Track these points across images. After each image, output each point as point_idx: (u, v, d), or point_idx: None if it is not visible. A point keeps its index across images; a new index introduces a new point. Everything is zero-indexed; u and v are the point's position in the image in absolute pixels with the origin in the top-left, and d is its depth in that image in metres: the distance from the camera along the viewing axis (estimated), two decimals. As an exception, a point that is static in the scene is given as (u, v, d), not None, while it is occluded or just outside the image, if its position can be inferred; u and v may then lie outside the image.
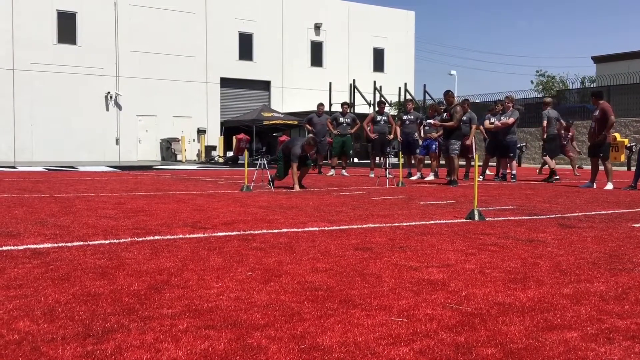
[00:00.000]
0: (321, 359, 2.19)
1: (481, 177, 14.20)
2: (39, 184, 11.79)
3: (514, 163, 14.15)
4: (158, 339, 2.38)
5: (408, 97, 32.49)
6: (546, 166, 16.00)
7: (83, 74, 29.92)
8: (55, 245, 4.51)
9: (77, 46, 30.07)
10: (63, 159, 28.62)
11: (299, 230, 5.46)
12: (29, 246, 4.43)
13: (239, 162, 26.51)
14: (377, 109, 16.15)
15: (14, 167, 20.91)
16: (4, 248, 4.33)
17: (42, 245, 4.47)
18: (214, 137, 33.24)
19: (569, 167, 18.61)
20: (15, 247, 4.37)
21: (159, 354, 2.21)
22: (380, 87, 32.67)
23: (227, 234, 5.18)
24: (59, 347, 2.25)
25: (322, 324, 2.60)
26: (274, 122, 30.64)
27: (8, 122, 28.53)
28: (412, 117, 15.00)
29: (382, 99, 24.28)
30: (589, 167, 12.60)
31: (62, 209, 7.00)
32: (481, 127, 14.46)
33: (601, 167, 12.03)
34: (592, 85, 40.06)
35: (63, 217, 6.21)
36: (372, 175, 14.87)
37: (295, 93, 35.52)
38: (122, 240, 4.73)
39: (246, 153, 11.56)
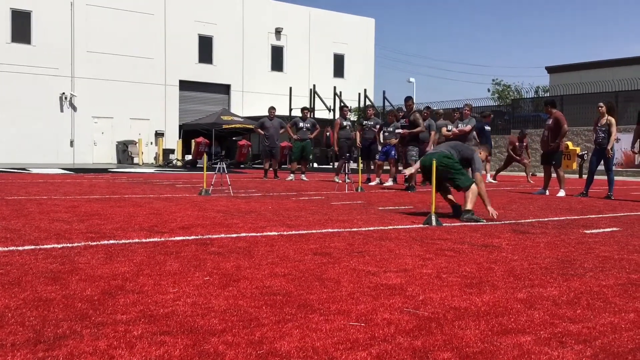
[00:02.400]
0: (279, 364, 2.18)
1: None
2: (-11, 186, 11.42)
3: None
4: (112, 345, 2.32)
5: (368, 103, 32.77)
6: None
7: (37, 74, 29.21)
8: (6, 249, 4.37)
9: (31, 46, 29.36)
10: (16, 160, 27.84)
11: (258, 234, 5.43)
12: (-23, 250, 4.28)
13: (198, 165, 26.25)
14: (341, 114, 16.20)
15: (-38, 169, 20.21)
16: (-49, 252, 4.18)
17: (-9, 249, 4.32)
18: (172, 140, 32.84)
19: (524, 174, 19.03)
20: (-37, 251, 4.22)
21: (112, 360, 2.16)
22: (341, 92, 32.84)
23: (184, 238, 5.11)
24: (8, 354, 2.18)
25: (280, 329, 2.58)
26: (233, 125, 30.45)
27: (-43, 122, 27.61)
28: (372, 123, 15.12)
29: (342, 104, 24.39)
30: (542, 174, 12.92)
31: (13, 212, 6.80)
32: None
33: (554, 175, 12.34)
34: (545, 95, 41.13)
35: (14, 220, 6.03)
36: (338, 180, 14.90)
37: (256, 97, 35.42)
38: (76, 245, 4.61)
39: (205, 157, 11.45)
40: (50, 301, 2.94)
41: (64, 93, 30.04)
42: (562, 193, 11.67)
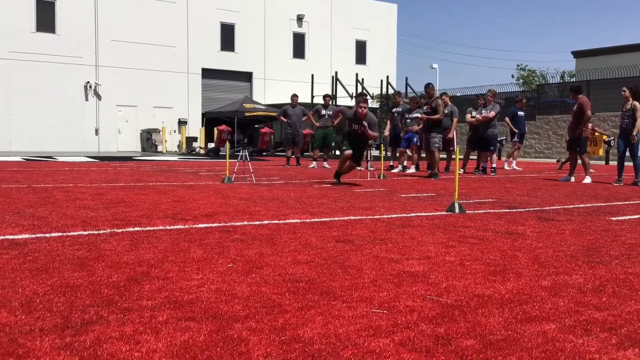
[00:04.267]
0: (302, 350, 2.19)
1: (462, 170, 14.29)
2: (17, 174, 11.63)
3: (494, 157, 14.26)
4: (137, 330, 2.36)
5: (395, 90, 32.58)
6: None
7: (62, 63, 29.52)
8: (33, 236, 4.45)
9: (56, 35, 29.66)
10: (41, 149, 28.25)
11: (280, 222, 5.46)
12: (6, 237, 4.37)
13: (220, 153, 26.39)
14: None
15: (-10, 157, 20.58)
16: (-19, 239, 4.27)
17: (19, 236, 4.41)
18: (195, 128, 33.04)
19: (550, 160, 18.77)
20: (-8, 238, 4.30)
21: (138, 345, 2.19)
22: (363, 79, 32.68)
23: (208, 225, 5.15)
24: (36, 339, 2.23)
25: (303, 316, 2.60)
26: (255, 113, 30.53)
27: (-15, 111, 28.07)
28: (400, 110, 15.01)
29: (364, 91, 24.26)
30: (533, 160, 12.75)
31: (40, 200, 6.92)
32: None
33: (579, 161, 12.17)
34: (571, 80, 40.48)
35: (41, 208, 6.14)
36: (360, 168, 14.86)
37: (277, 85, 35.41)
38: (102, 232, 4.68)
39: (227, 144, 11.50)
40: (77, 287, 3.00)
41: (88, 82, 30.35)
42: (587, 180, 11.50)
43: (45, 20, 29.39)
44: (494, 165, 13.98)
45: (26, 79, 28.63)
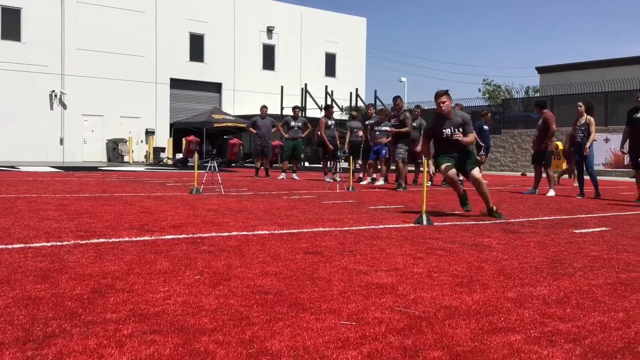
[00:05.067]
0: (270, 363, 2.17)
1: (429, 182, 14.43)
2: (-22, 184, 11.33)
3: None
4: (101, 344, 2.31)
5: (364, 102, 32.82)
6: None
7: (27, 71, 29.01)
8: (-6, 247, 4.34)
9: (21, 43, 29.14)
10: (4, 159, 27.63)
11: (249, 233, 5.43)
12: (-35, 248, 4.25)
13: (189, 164, 26.17)
14: (326, 113, 16.23)
15: (-50, 166, 20.04)
16: (-61, 250, 4.14)
17: (-21, 248, 4.29)
18: (163, 139, 32.72)
19: (513, 173, 19.08)
20: (-49, 250, 4.18)
21: (102, 359, 2.15)
22: (332, 91, 32.85)
23: (175, 237, 5.09)
24: (-4, 354, 2.16)
25: (271, 328, 2.58)
26: (224, 124, 30.38)
27: (-55, 119, 27.36)
28: (373, 122, 15.14)
29: (334, 103, 24.34)
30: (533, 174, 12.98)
31: (2, 210, 6.75)
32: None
33: (544, 175, 12.41)
34: (536, 95, 41.33)
35: (3, 219, 5.99)
36: (328, 180, 14.90)
37: (247, 96, 35.36)
38: (65, 243, 4.59)
39: (196, 155, 11.42)
40: (40, 300, 2.93)
41: (54, 91, 29.86)
42: (551, 193, 11.72)
43: (11, 28, 28.87)
44: (461, 179, 14.14)
45: (-11, 86, 28.01)
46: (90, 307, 2.83)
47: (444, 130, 7.54)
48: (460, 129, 7.54)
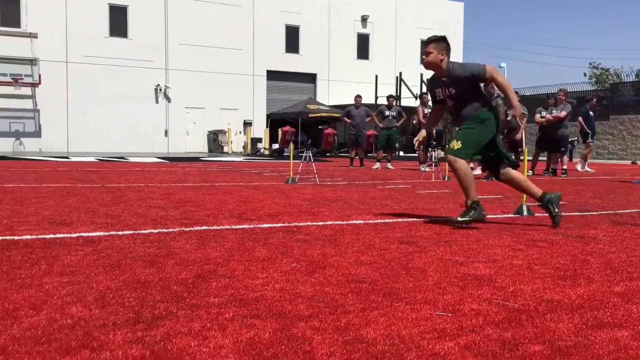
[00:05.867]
0: (365, 350, 2.19)
1: (531, 172, 13.92)
2: (91, 174, 12.12)
3: (565, 158, 13.82)
4: (205, 326, 2.42)
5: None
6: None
7: (134, 66, 30.57)
8: (107, 233, 4.64)
9: (128, 39, 30.74)
10: (114, 150, 29.34)
11: (344, 222, 5.47)
12: (81, 234, 4.57)
13: (284, 154, 26.66)
14: (421, 101, 16.00)
15: (67, 158, 21.56)
16: (58, 236, 4.48)
17: (94, 234, 4.60)
18: (260, 130, 33.53)
19: (623, 162, 18.04)
20: (69, 235, 4.51)
21: (206, 341, 2.25)
22: (427, 79, 32.30)
23: (272, 225, 5.23)
24: (110, 333, 2.32)
25: (366, 317, 2.60)
26: (319, 114, 30.70)
27: (62, 113, 29.40)
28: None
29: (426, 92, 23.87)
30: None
31: (113, 199, 7.19)
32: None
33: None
34: (648, 78, 38.71)
35: (114, 207, 6.38)
36: (424, 169, 14.71)
37: (341, 86, 35.49)
38: (171, 230, 4.82)
39: (291, 145, 11.62)
40: (148, 283, 3.10)
41: (158, 85, 31.32)
42: (665, 182, 10.98)
43: (118, 25, 30.51)
44: (565, 167, 13.55)
45: (100, 82, 29.79)
46: (194, 291, 2.97)
47: (436, 91, 5.75)
48: (453, 89, 5.51)
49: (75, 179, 10.46)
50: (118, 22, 30.52)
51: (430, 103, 16.14)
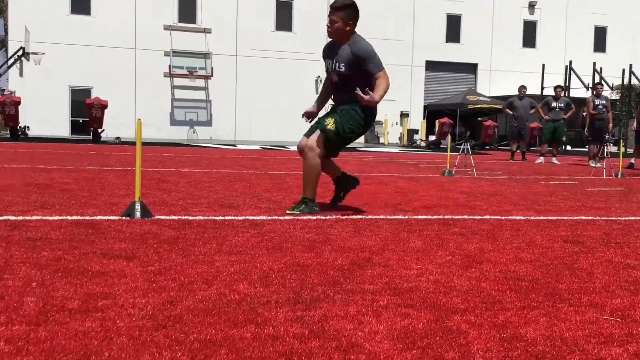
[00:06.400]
0: (524, 349, 2.12)
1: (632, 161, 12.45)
2: (255, 161, 12.84)
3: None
4: (360, 311, 2.48)
5: (634, 80, 29.50)
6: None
7: (297, 59, 31.74)
8: (269, 217, 4.90)
9: (292, 33, 31.96)
10: (276, 139, 30.74)
11: (502, 218, 5.29)
12: (247, 217, 4.87)
13: (441, 146, 26.26)
14: (594, 92, 14.93)
15: (234, 146, 23.01)
16: (227, 218, 4.82)
17: (258, 217, 4.88)
18: (417, 121, 33.28)
19: None
20: (236, 218, 4.83)
21: (361, 325, 2.31)
22: (601, 68, 30.00)
23: (427, 217, 5.19)
24: (272, 310, 2.47)
25: (525, 315, 2.51)
26: (479, 106, 29.79)
27: (230, 104, 31.36)
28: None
29: (602, 81, 22.39)
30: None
31: (275, 185, 7.56)
32: None
33: None
34: None
35: (276, 193, 6.71)
36: (594, 165, 13.73)
37: (504, 76, 34.09)
38: (328, 217, 4.98)
39: (449, 137, 11.43)
40: (307, 267, 3.24)
41: (319, 76, 32.23)
42: None
43: (283, 20, 31.83)
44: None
45: (266, 74, 31.32)
46: (350, 277, 3.05)
47: (327, 61, 5.20)
48: (344, 66, 4.92)
49: (241, 166, 11.13)
50: (283, 16, 31.82)
51: (603, 93, 15.09)
